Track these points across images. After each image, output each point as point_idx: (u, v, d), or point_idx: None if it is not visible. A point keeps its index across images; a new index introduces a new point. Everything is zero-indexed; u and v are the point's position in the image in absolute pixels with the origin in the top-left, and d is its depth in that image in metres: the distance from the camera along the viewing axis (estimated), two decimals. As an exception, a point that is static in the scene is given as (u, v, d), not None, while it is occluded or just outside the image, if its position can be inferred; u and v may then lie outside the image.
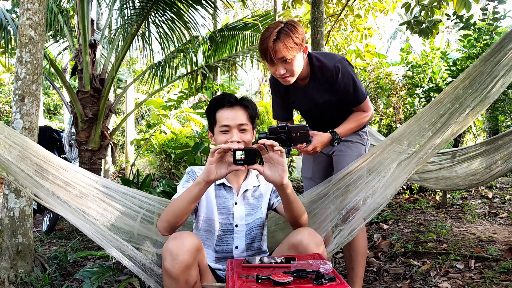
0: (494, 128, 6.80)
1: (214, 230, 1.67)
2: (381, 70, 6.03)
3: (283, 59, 1.80)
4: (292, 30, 1.80)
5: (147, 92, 12.28)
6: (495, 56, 1.74)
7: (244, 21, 5.60)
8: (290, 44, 1.77)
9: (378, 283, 2.44)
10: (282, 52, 1.77)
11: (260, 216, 1.73)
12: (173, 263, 1.33)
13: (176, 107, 6.85)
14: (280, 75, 1.84)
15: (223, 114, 1.67)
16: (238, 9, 15.64)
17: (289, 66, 1.82)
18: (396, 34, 24.54)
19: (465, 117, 1.72)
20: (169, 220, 1.49)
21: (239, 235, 1.68)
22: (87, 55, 4.08)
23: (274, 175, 1.44)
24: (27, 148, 1.70)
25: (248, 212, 1.71)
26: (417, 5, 4.27)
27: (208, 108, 1.75)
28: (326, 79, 1.94)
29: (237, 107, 1.68)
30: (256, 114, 1.74)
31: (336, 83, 1.93)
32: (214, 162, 1.41)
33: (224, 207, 1.69)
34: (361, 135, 2.16)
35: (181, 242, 1.36)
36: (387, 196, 1.77)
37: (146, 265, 1.59)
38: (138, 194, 1.93)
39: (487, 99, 1.70)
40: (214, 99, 1.75)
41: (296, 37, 1.79)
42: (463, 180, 2.98)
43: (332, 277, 1.11)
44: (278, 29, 1.79)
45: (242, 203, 1.72)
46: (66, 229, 4.06)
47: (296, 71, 1.86)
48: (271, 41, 1.77)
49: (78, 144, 4.09)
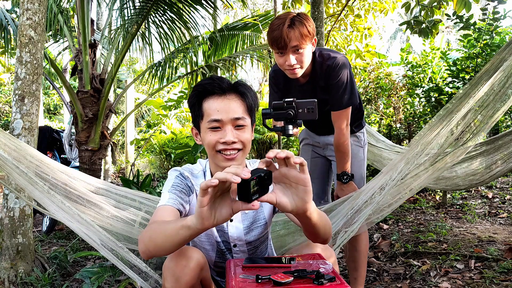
0: (494, 128, 6.80)
1: (214, 245, 1.42)
2: (381, 70, 6.03)
3: (296, 48, 1.75)
4: (306, 19, 1.75)
5: (147, 92, 12.28)
6: (500, 54, 1.74)
7: (244, 21, 5.60)
8: (305, 32, 1.72)
9: (378, 283, 2.43)
10: (297, 40, 1.72)
11: (263, 232, 1.44)
12: (175, 285, 1.16)
13: (176, 107, 6.85)
14: (290, 65, 1.78)
15: (213, 105, 1.27)
16: (238, 9, 15.63)
17: (300, 56, 1.78)
18: (396, 34, 24.54)
19: (473, 117, 1.68)
20: (150, 252, 1.11)
21: (239, 255, 1.42)
22: (87, 55, 4.08)
23: (293, 201, 0.98)
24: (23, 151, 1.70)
25: (248, 229, 1.40)
26: (417, 5, 4.27)
27: (191, 97, 1.32)
28: (324, 75, 1.90)
29: (231, 96, 1.28)
30: (256, 104, 1.35)
31: (330, 79, 1.88)
32: (207, 203, 0.90)
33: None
34: (358, 136, 2.14)
35: (185, 262, 1.17)
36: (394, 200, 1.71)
37: (142, 269, 1.52)
38: (137, 195, 1.92)
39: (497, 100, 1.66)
40: (200, 84, 1.30)
41: (309, 26, 1.75)
42: (463, 180, 2.97)
43: (332, 277, 1.10)
44: (291, 17, 1.74)
45: (239, 219, 1.40)
46: (66, 229, 4.06)
47: (305, 62, 1.81)
48: (285, 28, 1.71)
49: (78, 144, 4.09)
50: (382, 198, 1.64)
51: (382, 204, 1.68)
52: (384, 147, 3.32)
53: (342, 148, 1.95)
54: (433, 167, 1.70)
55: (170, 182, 1.35)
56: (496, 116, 1.68)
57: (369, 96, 6.02)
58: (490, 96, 1.68)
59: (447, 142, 1.66)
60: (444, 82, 4.81)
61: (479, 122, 1.69)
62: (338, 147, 1.96)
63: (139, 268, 1.52)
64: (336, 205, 1.86)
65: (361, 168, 2.15)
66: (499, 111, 1.68)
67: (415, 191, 1.75)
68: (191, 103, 1.33)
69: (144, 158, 9.37)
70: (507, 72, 1.66)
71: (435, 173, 1.72)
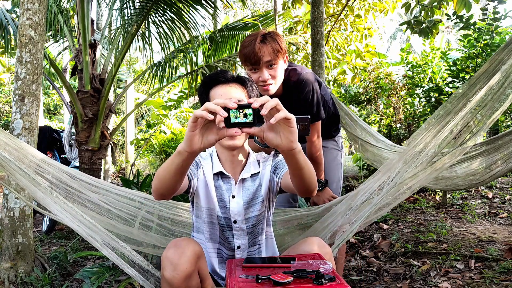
0: (494, 128, 6.79)
1: (216, 222, 1.54)
2: (381, 70, 6.03)
3: (269, 63, 1.79)
4: (277, 36, 1.81)
5: (147, 92, 12.28)
6: (499, 55, 1.74)
7: (244, 21, 5.60)
8: (277, 48, 1.77)
9: (378, 283, 2.44)
10: (269, 55, 1.76)
11: (262, 210, 1.55)
12: (173, 273, 1.26)
13: (176, 107, 6.86)
14: (264, 80, 1.81)
15: (217, 91, 1.46)
16: (238, 9, 15.63)
17: (273, 71, 1.81)
18: (396, 34, 24.56)
19: (472, 117, 1.68)
20: (157, 189, 1.25)
21: (239, 232, 1.54)
22: (87, 55, 4.08)
23: (279, 138, 1.06)
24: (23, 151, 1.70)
25: (247, 205, 1.53)
26: (417, 5, 4.27)
27: (200, 87, 1.54)
28: (292, 91, 1.94)
29: (233, 84, 1.48)
30: (255, 93, 1.53)
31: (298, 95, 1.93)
32: (196, 127, 1.03)
33: (221, 199, 1.53)
34: (336, 140, 2.24)
35: (181, 250, 1.28)
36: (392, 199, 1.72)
37: (144, 267, 1.54)
38: (137, 195, 1.92)
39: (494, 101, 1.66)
40: (207, 76, 1.54)
41: (281, 43, 1.80)
42: (463, 180, 2.97)
43: (332, 277, 1.11)
44: (262, 34, 1.80)
45: (240, 195, 1.53)
46: (66, 229, 4.06)
47: (278, 78, 1.84)
48: (257, 43, 1.76)
49: (78, 144, 4.09)
50: (380, 199, 1.64)
51: (381, 203, 1.69)
52: (384, 147, 3.32)
53: (315, 159, 2.02)
54: (431, 167, 1.71)
55: None
56: (495, 116, 1.68)
57: (369, 96, 6.02)
58: (488, 96, 1.68)
59: (445, 142, 1.66)
60: (444, 82, 4.82)
61: (478, 122, 1.69)
62: (311, 157, 2.02)
63: (141, 267, 1.54)
64: (333, 205, 1.86)
65: (339, 171, 2.25)
66: (497, 111, 1.68)
67: (414, 191, 1.75)
68: (200, 92, 1.53)
69: (144, 158, 9.38)
70: (506, 72, 1.66)
71: (434, 172, 1.73)
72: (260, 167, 1.58)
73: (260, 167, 1.58)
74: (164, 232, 1.92)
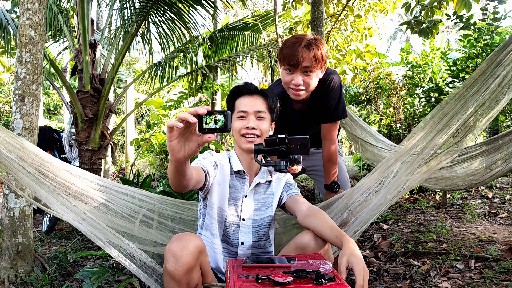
0: (494, 128, 6.80)
1: (223, 221, 1.63)
2: (381, 70, 6.03)
3: (307, 69, 1.77)
4: (322, 44, 1.80)
5: (147, 92, 12.28)
6: (497, 56, 1.73)
7: (244, 21, 5.60)
8: (319, 56, 1.76)
9: (378, 283, 2.44)
10: (309, 61, 1.75)
11: (270, 214, 1.68)
12: (175, 266, 1.31)
13: (176, 107, 6.85)
14: (296, 85, 1.80)
15: (242, 101, 1.65)
16: (238, 9, 15.63)
17: (308, 78, 1.80)
18: (396, 34, 24.56)
19: (469, 116, 1.68)
20: (171, 184, 1.35)
21: (245, 229, 1.64)
22: (87, 55, 4.08)
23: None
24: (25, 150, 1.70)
25: (257, 207, 1.66)
26: (417, 5, 4.27)
27: (228, 96, 1.73)
28: (319, 92, 1.93)
29: (257, 96, 1.67)
30: (276, 107, 1.70)
31: (326, 95, 1.93)
32: (174, 138, 1.09)
33: (233, 197, 1.65)
34: (339, 145, 2.26)
35: (184, 244, 1.33)
36: (390, 198, 1.73)
37: (147, 263, 1.56)
38: (138, 193, 1.92)
39: (492, 101, 1.66)
40: (235, 87, 1.73)
41: (324, 52, 1.79)
42: (463, 180, 2.97)
43: (332, 277, 1.11)
44: (308, 39, 1.78)
45: (252, 197, 1.67)
46: (66, 229, 4.06)
47: (311, 86, 1.83)
48: (301, 47, 1.74)
49: (78, 144, 4.09)
50: (379, 200, 1.65)
51: (378, 203, 1.71)
52: (384, 147, 3.32)
53: (333, 158, 2.04)
54: (427, 165, 1.72)
55: (202, 155, 1.67)
56: (490, 115, 1.68)
57: (369, 96, 6.02)
58: (486, 96, 1.68)
59: (442, 140, 1.67)
60: (444, 82, 4.81)
61: (475, 121, 1.69)
62: (330, 158, 2.03)
63: (145, 263, 1.57)
64: (331, 202, 1.88)
65: (345, 172, 2.28)
66: (493, 110, 1.68)
67: (410, 189, 1.77)
68: (228, 100, 1.72)
69: (144, 158, 9.37)
70: (505, 72, 1.66)
71: (430, 171, 1.73)
72: (273, 178, 1.73)
73: (273, 178, 1.73)
74: (165, 230, 1.93)
